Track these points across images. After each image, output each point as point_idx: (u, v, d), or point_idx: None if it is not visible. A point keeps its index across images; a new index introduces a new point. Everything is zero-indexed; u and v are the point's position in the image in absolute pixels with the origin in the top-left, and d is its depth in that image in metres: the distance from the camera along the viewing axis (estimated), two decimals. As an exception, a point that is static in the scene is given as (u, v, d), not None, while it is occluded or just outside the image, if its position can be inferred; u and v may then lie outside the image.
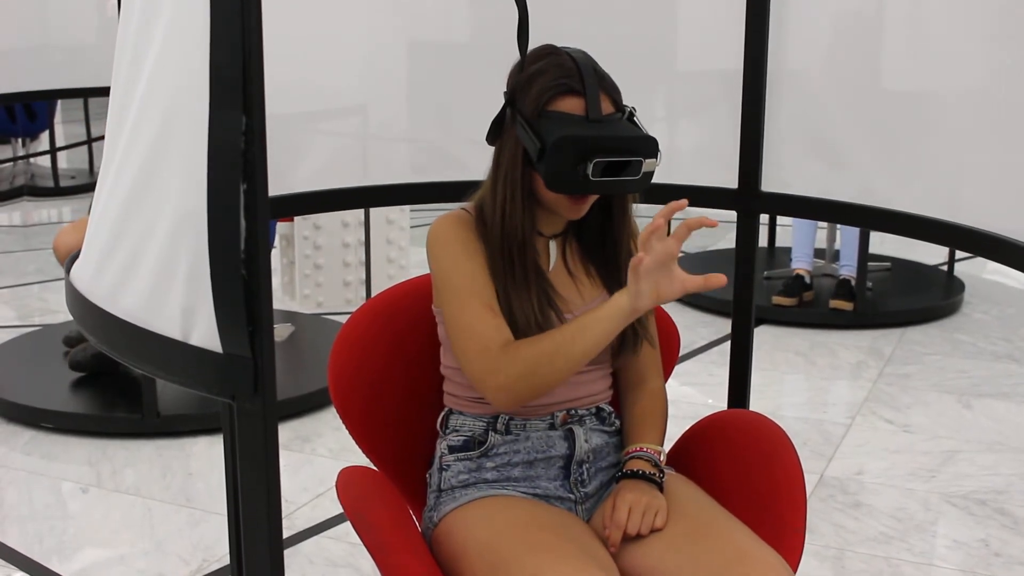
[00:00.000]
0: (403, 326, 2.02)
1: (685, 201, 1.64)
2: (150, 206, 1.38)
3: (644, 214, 1.94)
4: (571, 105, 1.74)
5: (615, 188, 1.76)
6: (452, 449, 1.88)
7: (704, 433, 2.05)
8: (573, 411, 1.87)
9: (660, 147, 1.75)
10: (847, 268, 5.02)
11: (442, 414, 1.93)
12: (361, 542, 1.77)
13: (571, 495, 1.86)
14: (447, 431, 1.91)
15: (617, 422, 1.94)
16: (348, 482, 1.84)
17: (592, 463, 1.88)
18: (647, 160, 1.73)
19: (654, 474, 1.83)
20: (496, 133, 1.82)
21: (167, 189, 1.34)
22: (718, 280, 1.61)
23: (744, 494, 1.89)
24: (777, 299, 4.93)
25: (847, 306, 4.88)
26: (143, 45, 1.42)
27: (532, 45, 1.79)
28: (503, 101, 1.82)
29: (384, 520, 1.75)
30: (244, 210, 1.22)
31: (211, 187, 1.24)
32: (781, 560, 1.69)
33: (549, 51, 1.79)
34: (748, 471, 1.93)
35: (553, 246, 1.87)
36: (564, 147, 1.69)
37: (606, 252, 1.89)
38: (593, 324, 1.69)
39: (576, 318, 1.74)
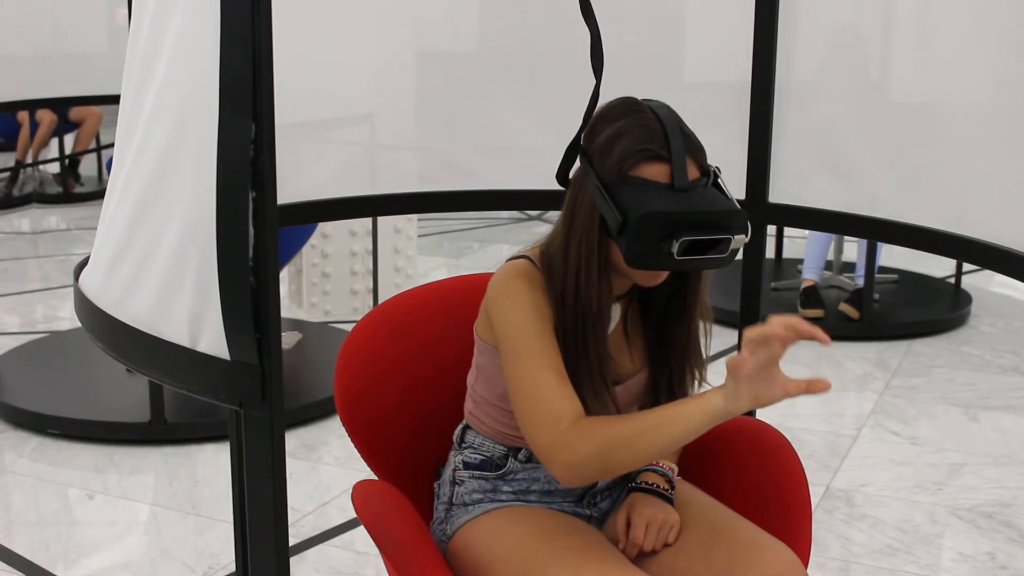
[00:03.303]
0: (409, 335, 2.02)
1: (821, 333, 1.45)
2: (159, 213, 1.38)
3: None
4: (655, 172, 1.60)
5: (700, 265, 1.63)
6: (467, 465, 1.84)
7: (707, 439, 2.04)
8: None
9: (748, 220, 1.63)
10: (863, 278, 5.01)
11: (460, 427, 1.89)
12: (378, 553, 1.77)
13: (586, 511, 1.85)
14: (463, 445, 1.86)
15: None
16: (366, 496, 1.83)
17: (608, 488, 1.87)
18: (736, 237, 1.60)
19: (666, 489, 1.83)
20: (565, 174, 1.71)
21: (176, 196, 1.35)
22: (822, 385, 1.45)
23: (748, 501, 1.89)
24: (806, 312, 4.92)
25: (854, 313, 4.87)
26: (153, 54, 1.42)
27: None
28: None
29: (407, 536, 1.74)
30: (253, 218, 1.23)
31: (220, 195, 1.25)
32: (792, 552, 1.70)
33: (630, 107, 1.65)
34: (751, 478, 1.93)
35: (616, 308, 1.76)
36: (648, 225, 1.56)
37: (670, 323, 1.77)
38: (680, 419, 1.55)
39: (664, 407, 1.61)
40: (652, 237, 1.57)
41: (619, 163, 1.61)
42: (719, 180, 1.65)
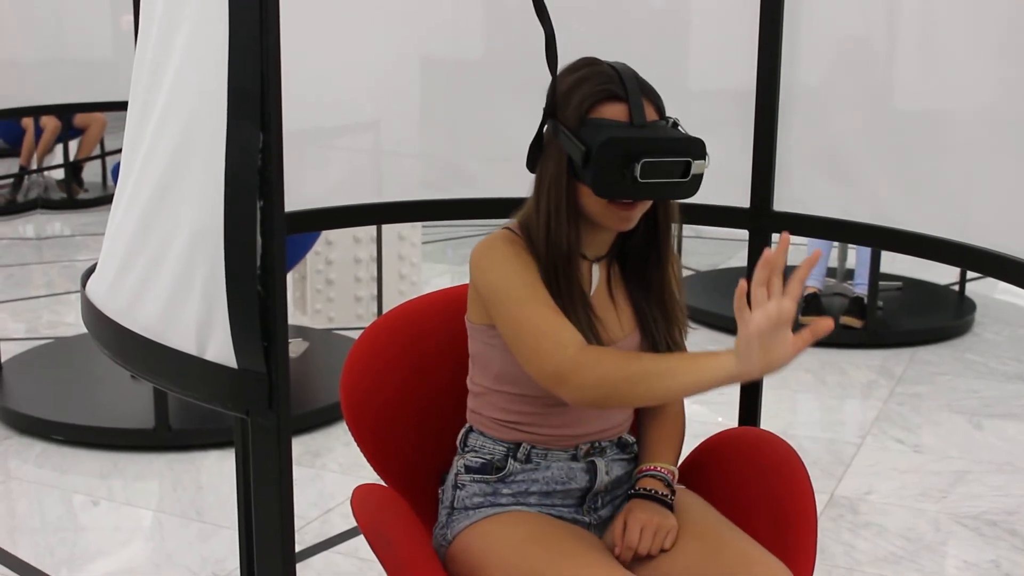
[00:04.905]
0: (415, 342, 2.02)
1: (788, 237, 1.52)
2: (167, 221, 1.39)
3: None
4: (614, 111, 1.69)
5: (665, 192, 1.70)
6: (469, 469, 1.85)
7: (714, 450, 2.05)
8: (596, 443, 1.85)
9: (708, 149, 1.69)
10: (861, 286, 5.02)
11: (463, 431, 1.90)
12: (378, 560, 1.77)
13: (586, 518, 1.86)
14: (465, 449, 1.88)
15: (636, 448, 1.93)
16: (364, 500, 1.84)
17: (609, 492, 1.88)
18: (696, 162, 1.68)
19: (666, 495, 1.83)
20: (535, 155, 1.77)
21: (184, 204, 1.35)
22: (825, 325, 1.45)
23: (754, 512, 1.89)
24: (805, 320, 4.93)
25: (857, 323, 4.87)
26: (162, 61, 1.43)
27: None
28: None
29: (402, 539, 1.74)
30: (260, 226, 1.23)
31: (228, 203, 1.25)
32: (784, 567, 1.70)
33: (589, 61, 1.75)
34: (758, 489, 1.93)
35: (596, 269, 1.82)
36: (611, 149, 1.63)
37: (648, 276, 1.83)
38: (688, 371, 1.57)
39: (676, 356, 1.66)
40: (615, 162, 1.64)
41: (580, 106, 1.70)
42: (679, 126, 1.74)
